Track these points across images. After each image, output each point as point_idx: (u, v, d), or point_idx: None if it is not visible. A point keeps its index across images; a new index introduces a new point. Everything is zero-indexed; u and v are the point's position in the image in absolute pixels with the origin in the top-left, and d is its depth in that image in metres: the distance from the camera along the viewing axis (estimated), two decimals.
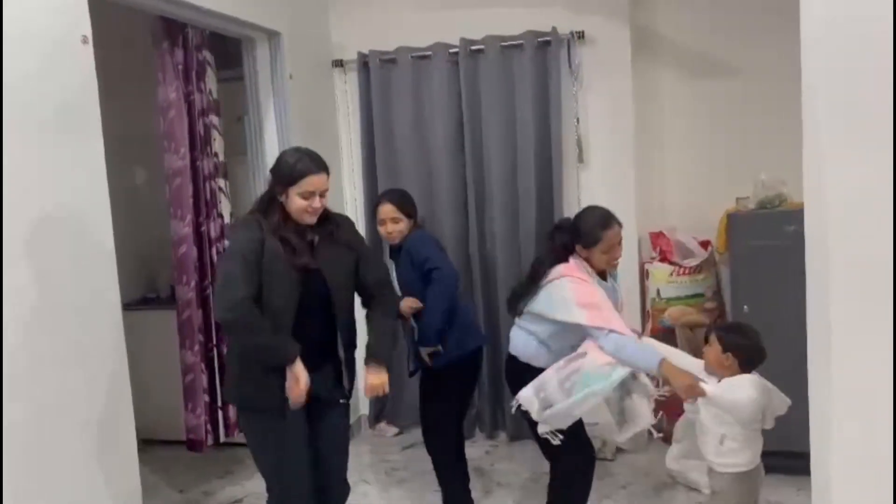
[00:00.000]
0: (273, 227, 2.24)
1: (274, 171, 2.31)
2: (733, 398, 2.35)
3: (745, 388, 2.36)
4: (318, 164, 2.28)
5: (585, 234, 2.61)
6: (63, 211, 2.27)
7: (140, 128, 3.74)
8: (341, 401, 2.46)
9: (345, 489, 2.55)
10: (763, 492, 3.23)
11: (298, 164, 2.25)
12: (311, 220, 2.29)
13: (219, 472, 3.78)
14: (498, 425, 4.07)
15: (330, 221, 2.38)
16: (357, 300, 2.52)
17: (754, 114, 3.70)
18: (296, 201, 2.24)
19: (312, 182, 2.23)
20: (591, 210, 2.71)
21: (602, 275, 2.69)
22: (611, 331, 2.46)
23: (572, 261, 2.62)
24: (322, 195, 2.27)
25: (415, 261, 2.94)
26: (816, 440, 1.90)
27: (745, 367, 2.40)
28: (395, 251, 3.07)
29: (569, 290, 2.55)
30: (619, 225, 2.63)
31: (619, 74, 3.75)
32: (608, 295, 2.61)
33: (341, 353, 2.42)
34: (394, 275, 3.00)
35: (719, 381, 2.40)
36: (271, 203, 2.28)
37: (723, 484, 2.45)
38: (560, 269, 2.60)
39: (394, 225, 2.99)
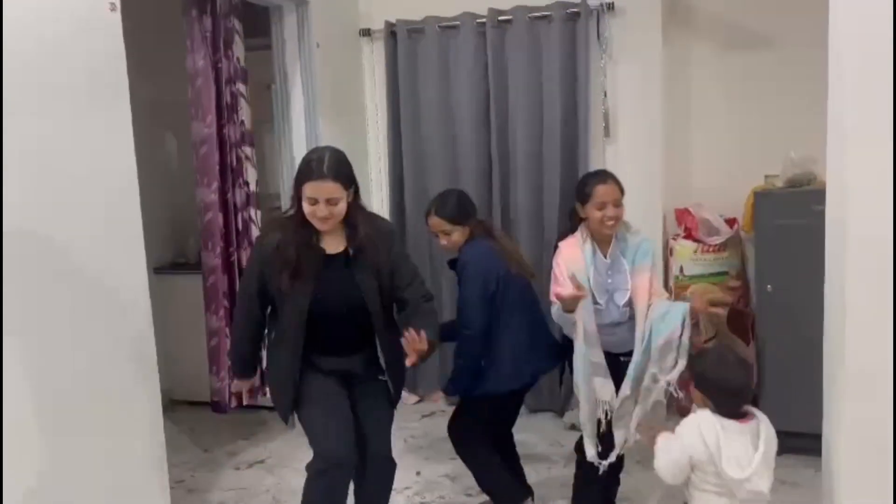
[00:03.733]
0: (294, 228, 2.25)
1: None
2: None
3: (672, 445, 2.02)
4: (321, 170, 2.17)
5: (580, 190, 2.64)
6: (91, 178, 2.32)
7: (171, 95, 3.78)
8: (379, 377, 2.44)
9: (388, 466, 2.54)
10: (780, 473, 3.23)
11: (305, 166, 2.22)
12: (323, 226, 2.24)
13: (243, 434, 3.89)
14: None
15: (359, 237, 2.29)
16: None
17: (788, 89, 3.61)
18: (305, 206, 2.20)
19: (311, 188, 2.17)
20: (595, 171, 2.76)
21: (605, 247, 2.62)
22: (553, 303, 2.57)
23: (577, 233, 2.66)
24: (331, 203, 2.18)
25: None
26: (828, 421, 1.90)
27: (720, 410, 2.00)
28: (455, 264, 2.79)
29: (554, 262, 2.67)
30: (618, 185, 2.60)
31: (649, 47, 3.69)
32: (602, 270, 2.59)
33: (381, 360, 2.41)
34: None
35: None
36: (295, 203, 2.27)
37: None
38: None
39: (446, 238, 2.76)
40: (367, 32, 4.11)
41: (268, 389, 2.70)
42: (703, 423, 1.96)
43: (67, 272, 2.24)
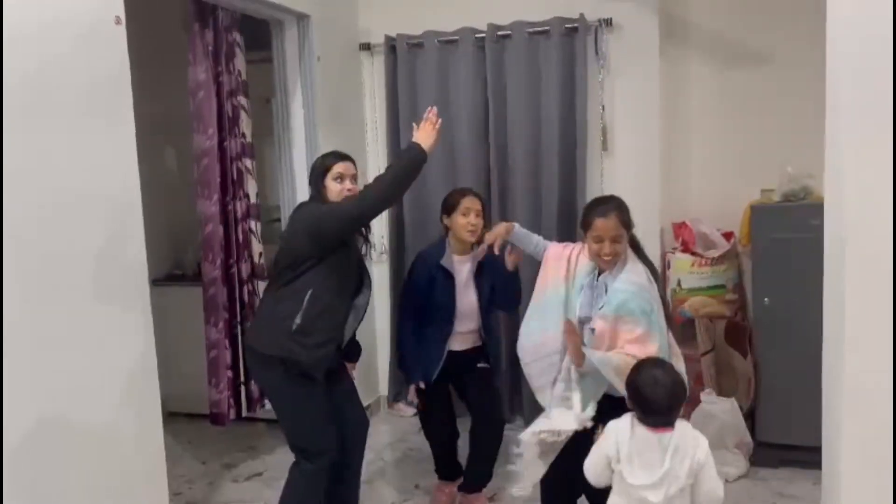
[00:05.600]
0: None
1: (310, 175, 2.68)
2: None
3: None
4: (342, 154, 2.67)
5: (583, 216, 2.48)
6: (94, 190, 2.32)
7: (173, 108, 3.80)
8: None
9: (366, 425, 2.84)
10: (779, 485, 3.25)
11: (325, 157, 2.67)
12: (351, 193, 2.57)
13: (241, 447, 3.88)
14: (515, 410, 4.11)
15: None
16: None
17: (784, 104, 3.66)
18: (332, 187, 2.57)
19: (339, 167, 2.60)
20: (604, 197, 2.59)
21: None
22: None
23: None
24: (352, 180, 2.60)
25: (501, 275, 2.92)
26: (828, 433, 1.91)
27: (641, 419, 2.08)
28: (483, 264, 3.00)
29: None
30: (620, 220, 2.39)
31: (647, 62, 3.73)
32: (591, 291, 2.46)
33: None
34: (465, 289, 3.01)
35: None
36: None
37: None
38: None
39: (479, 220, 2.94)
40: (367, 47, 4.14)
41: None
42: (619, 427, 2.07)
43: (69, 284, 2.25)
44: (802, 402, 2.55)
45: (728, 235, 3.76)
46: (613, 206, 2.44)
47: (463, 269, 3.01)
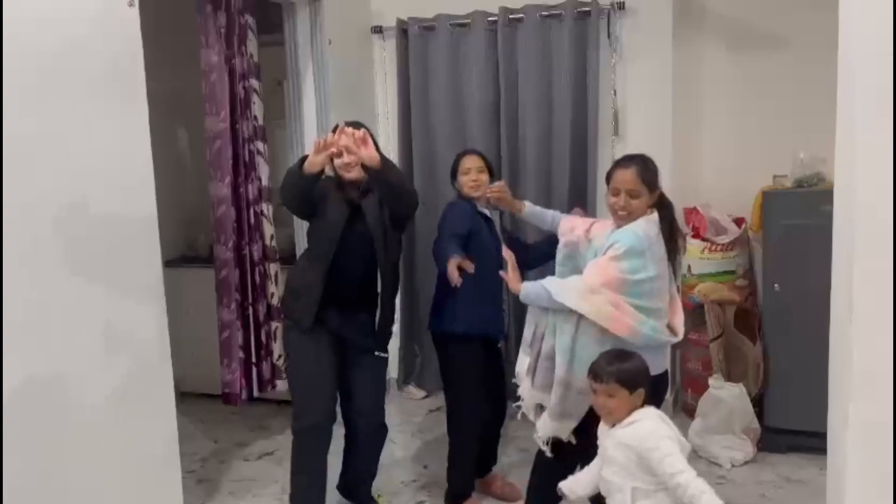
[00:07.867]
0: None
1: None
2: None
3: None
4: (335, 129, 2.69)
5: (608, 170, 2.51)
6: (108, 171, 2.35)
7: (186, 90, 3.82)
8: (376, 353, 2.76)
9: (380, 432, 2.86)
10: (786, 470, 3.26)
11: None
12: (347, 172, 2.69)
13: (252, 426, 3.93)
14: None
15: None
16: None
17: (798, 89, 3.62)
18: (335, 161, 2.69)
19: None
20: (633, 154, 2.51)
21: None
22: None
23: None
24: (347, 151, 2.64)
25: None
26: (834, 420, 1.92)
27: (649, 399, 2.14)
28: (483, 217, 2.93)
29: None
30: (639, 175, 2.36)
31: (660, 47, 3.70)
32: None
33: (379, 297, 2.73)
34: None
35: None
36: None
37: None
38: None
39: (480, 175, 2.92)
40: (378, 30, 4.14)
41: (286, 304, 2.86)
42: (657, 415, 2.11)
43: (83, 265, 2.28)
44: (811, 387, 2.56)
45: (739, 221, 3.75)
46: (638, 160, 2.40)
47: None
